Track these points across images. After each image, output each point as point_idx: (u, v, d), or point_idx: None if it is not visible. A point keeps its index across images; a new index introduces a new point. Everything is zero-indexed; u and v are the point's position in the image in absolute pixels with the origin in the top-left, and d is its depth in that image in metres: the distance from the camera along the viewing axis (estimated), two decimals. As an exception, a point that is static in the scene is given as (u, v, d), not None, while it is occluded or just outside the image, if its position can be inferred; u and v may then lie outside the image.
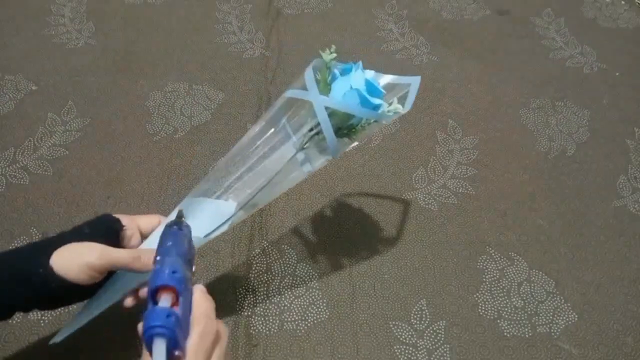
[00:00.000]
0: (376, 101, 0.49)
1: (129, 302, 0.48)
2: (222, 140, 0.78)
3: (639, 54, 0.98)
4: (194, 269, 0.43)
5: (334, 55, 0.50)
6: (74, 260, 0.43)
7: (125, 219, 0.49)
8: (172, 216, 0.48)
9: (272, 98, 0.85)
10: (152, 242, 0.47)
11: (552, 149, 0.81)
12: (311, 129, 0.49)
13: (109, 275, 0.47)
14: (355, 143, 0.52)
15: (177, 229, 0.44)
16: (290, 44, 0.94)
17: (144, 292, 0.48)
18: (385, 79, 0.53)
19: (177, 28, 0.95)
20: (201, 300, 0.40)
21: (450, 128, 0.83)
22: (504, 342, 0.61)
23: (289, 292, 0.63)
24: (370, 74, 0.50)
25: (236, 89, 0.86)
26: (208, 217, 0.50)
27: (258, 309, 0.62)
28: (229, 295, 0.62)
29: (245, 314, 0.61)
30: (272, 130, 0.51)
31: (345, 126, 0.50)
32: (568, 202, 0.75)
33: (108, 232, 0.47)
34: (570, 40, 0.99)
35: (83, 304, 0.50)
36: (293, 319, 0.61)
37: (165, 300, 0.36)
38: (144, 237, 0.51)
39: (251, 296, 0.63)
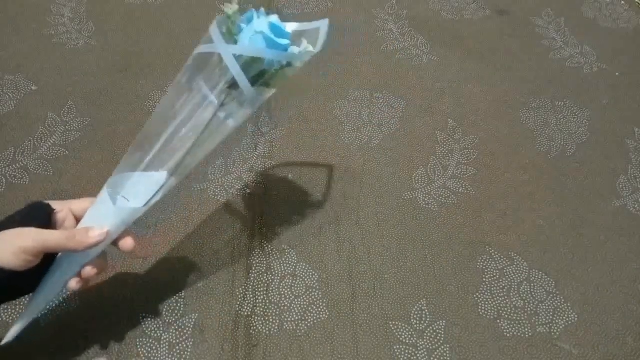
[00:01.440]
0: (283, 42, 0.49)
1: (73, 284, 0.48)
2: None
3: (639, 54, 0.98)
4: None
5: (236, 7, 0.49)
6: (7, 247, 0.42)
7: (56, 204, 0.49)
8: (102, 194, 0.49)
9: (272, 98, 0.84)
10: (86, 223, 0.49)
11: (552, 149, 0.81)
12: (227, 85, 0.49)
13: (46, 261, 0.47)
14: (273, 90, 0.51)
15: None
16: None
17: (86, 271, 0.49)
18: (292, 26, 0.52)
19: (177, 28, 0.95)
20: None
21: (450, 128, 0.83)
22: (504, 342, 0.61)
23: (289, 292, 0.63)
24: (274, 18, 0.50)
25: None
26: (142, 188, 0.50)
27: (258, 309, 0.62)
28: (228, 295, 0.62)
29: (245, 314, 0.61)
30: (189, 93, 0.50)
31: (258, 73, 0.49)
32: (568, 202, 0.75)
33: (39, 217, 0.47)
34: (570, 40, 0.99)
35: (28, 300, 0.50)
36: (293, 319, 0.61)
37: None
38: (78, 220, 0.51)
39: (251, 296, 0.63)
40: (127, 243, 0.51)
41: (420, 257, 0.68)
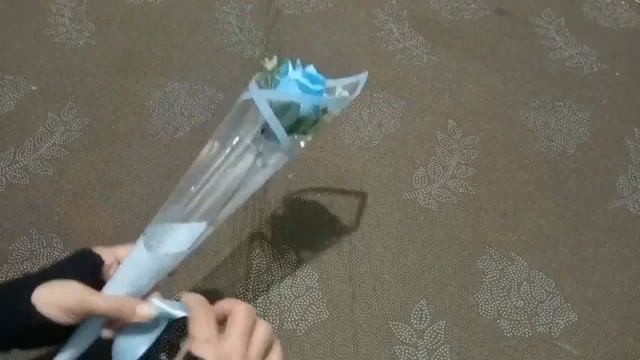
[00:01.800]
0: (316, 87, 0.49)
1: (106, 334, 0.47)
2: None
3: (639, 54, 0.98)
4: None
5: (275, 62, 0.50)
6: (54, 300, 0.43)
7: (105, 252, 0.49)
8: (137, 243, 0.49)
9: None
10: (124, 273, 0.48)
11: (552, 149, 0.81)
12: (262, 131, 0.49)
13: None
14: (309, 138, 0.51)
15: None
16: (290, 44, 0.94)
17: (116, 323, 0.48)
18: (333, 82, 0.53)
19: (177, 28, 0.95)
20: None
21: (450, 128, 0.83)
22: (504, 342, 0.61)
23: (289, 292, 0.63)
24: (310, 68, 0.50)
25: (236, 89, 0.86)
26: (179, 237, 0.49)
27: (258, 309, 0.62)
28: (229, 295, 0.62)
29: (245, 314, 0.61)
30: (227, 144, 0.50)
31: (293, 122, 0.49)
32: (568, 202, 0.75)
33: (90, 268, 0.47)
34: (570, 40, 0.99)
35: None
36: (293, 319, 0.61)
37: None
38: None
39: (251, 296, 0.63)
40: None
41: (420, 257, 0.68)
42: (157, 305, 0.47)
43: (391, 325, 0.61)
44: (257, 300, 0.62)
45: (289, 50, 0.93)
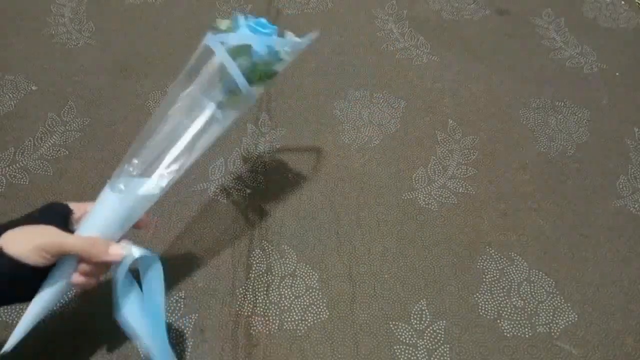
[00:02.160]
0: (267, 30, 0.51)
1: (76, 278, 0.47)
2: (222, 141, 0.78)
3: (639, 54, 0.98)
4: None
5: (229, 21, 0.52)
6: (27, 242, 0.43)
7: (73, 205, 0.49)
8: (104, 189, 0.49)
9: (272, 98, 0.85)
10: (95, 217, 0.48)
11: (552, 149, 0.81)
12: (220, 81, 0.50)
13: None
14: (262, 86, 0.53)
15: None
16: (290, 44, 0.94)
17: (82, 267, 0.47)
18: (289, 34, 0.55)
19: (177, 28, 0.95)
20: None
21: (450, 128, 0.83)
22: (504, 342, 0.61)
23: (289, 292, 0.63)
24: (261, 19, 0.53)
25: (236, 89, 0.86)
26: (149, 183, 0.50)
27: (258, 309, 0.62)
28: (229, 295, 0.62)
29: (245, 314, 0.61)
30: (187, 95, 0.52)
31: (249, 66, 0.51)
32: (568, 202, 0.75)
33: (57, 217, 0.47)
34: (570, 40, 0.99)
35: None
36: (293, 319, 0.61)
37: None
38: None
39: (251, 296, 0.63)
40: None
41: (420, 257, 0.68)
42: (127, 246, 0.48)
43: (391, 325, 0.61)
44: (257, 301, 0.62)
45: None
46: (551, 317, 0.63)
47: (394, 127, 0.82)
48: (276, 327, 0.60)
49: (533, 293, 0.65)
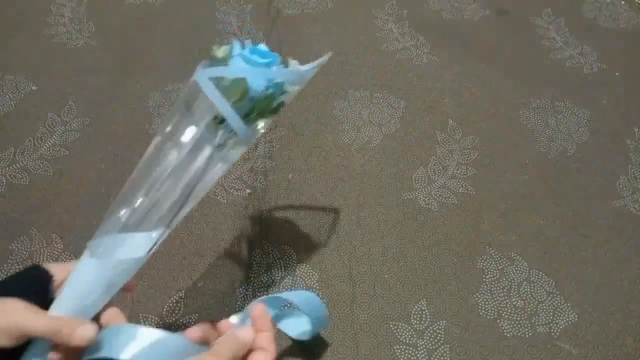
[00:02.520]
0: (265, 60, 0.44)
1: (53, 357, 0.41)
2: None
3: (639, 54, 0.98)
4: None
5: (226, 47, 0.45)
6: None
7: (55, 268, 0.44)
8: (83, 256, 0.43)
9: (272, 98, 0.85)
10: (73, 287, 0.42)
11: (552, 149, 0.81)
12: (221, 121, 0.43)
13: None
14: (266, 121, 0.46)
15: None
16: (290, 44, 0.94)
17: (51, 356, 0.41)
18: (294, 63, 0.48)
19: (177, 28, 0.95)
20: None
21: (450, 128, 0.83)
22: (504, 342, 0.61)
23: (289, 292, 0.63)
24: (261, 46, 0.46)
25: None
26: (136, 243, 0.43)
27: (258, 309, 0.62)
28: (229, 296, 0.62)
29: (245, 314, 0.61)
30: (179, 138, 0.45)
31: (245, 102, 0.43)
32: (568, 202, 0.75)
33: (36, 284, 0.43)
34: (570, 40, 0.99)
35: None
36: (293, 319, 0.61)
37: None
38: None
39: (251, 296, 0.63)
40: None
41: (420, 257, 0.68)
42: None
43: (391, 325, 0.61)
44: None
45: (289, 50, 0.93)
46: (551, 317, 0.63)
47: (394, 127, 0.82)
48: (276, 327, 0.60)
49: (533, 293, 0.65)
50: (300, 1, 1.02)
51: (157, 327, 0.59)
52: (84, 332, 0.39)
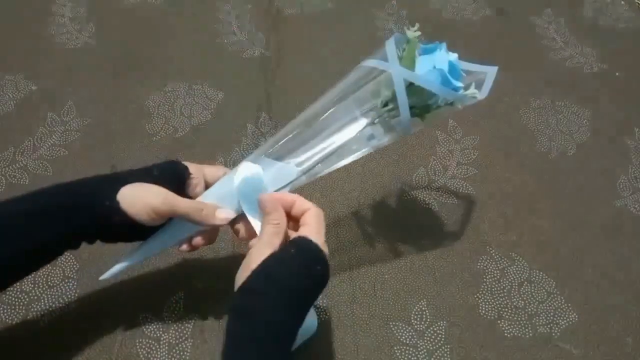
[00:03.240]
0: (457, 83, 0.49)
1: (184, 247, 0.51)
2: (221, 141, 0.78)
3: (639, 54, 0.98)
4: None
5: (418, 33, 0.50)
6: (139, 200, 0.44)
7: (192, 167, 0.50)
8: (236, 170, 0.50)
9: (272, 98, 0.85)
10: (214, 192, 0.50)
11: (552, 149, 0.81)
12: (385, 104, 0.49)
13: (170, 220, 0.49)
14: (422, 125, 0.52)
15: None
16: (290, 44, 0.94)
17: (196, 240, 0.51)
18: (463, 65, 0.53)
19: (177, 28, 0.95)
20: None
21: (450, 128, 0.83)
22: (505, 342, 0.61)
23: (289, 292, 0.63)
24: (453, 56, 0.51)
25: (236, 89, 0.86)
26: (271, 176, 0.50)
27: (258, 309, 0.61)
28: (229, 295, 0.62)
29: (246, 314, 0.61)
30: (344, 102, 0.51)
31: (420, 105, 0.49)
32: (568, 202, 0.75)
33: (175, 177, 0.49)
34: (570, 40, 0.99)
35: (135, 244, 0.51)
36: (293, 319, 0.61)
37: None
38: (208, 186, 0.52)
39: (251, 296, 0.62)
40: (241, 230, 0.52)
41: (420, 257, 0.68)
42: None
43: (391, 326, 0.61)
44: (257, 301, 0.62)
45: (289, 50, 0.93)
46: (552, 318, 0.63)
47: (394, 127, 0.82)
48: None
49: (533, 293, 0.65)
50: (300, 1, 1.02)
51: (157, 327, 0.59)
52: (223, 214, 0.49)
